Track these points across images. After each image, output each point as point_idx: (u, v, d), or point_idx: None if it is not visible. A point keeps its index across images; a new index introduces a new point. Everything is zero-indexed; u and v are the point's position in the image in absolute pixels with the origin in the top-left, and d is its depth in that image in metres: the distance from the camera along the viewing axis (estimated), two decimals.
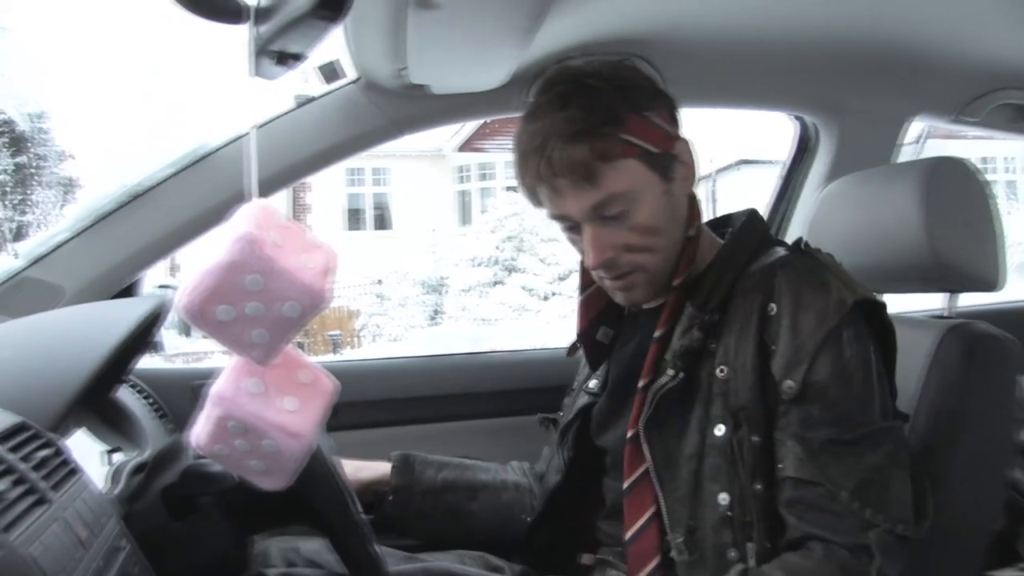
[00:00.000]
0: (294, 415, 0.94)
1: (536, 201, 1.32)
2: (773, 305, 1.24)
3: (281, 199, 15.93)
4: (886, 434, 1.19)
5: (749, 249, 1.35)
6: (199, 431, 0.96)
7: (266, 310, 0.87)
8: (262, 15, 1.03)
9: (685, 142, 1.33)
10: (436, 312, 12.98)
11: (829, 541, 1.15)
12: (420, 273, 13.24)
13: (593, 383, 1.53)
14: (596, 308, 1.50)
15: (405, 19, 1.36)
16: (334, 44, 1.66)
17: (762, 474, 1.21)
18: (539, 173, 1.25)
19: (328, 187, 16.61)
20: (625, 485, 1.33)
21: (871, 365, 1.21)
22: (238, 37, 1.04)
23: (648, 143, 1.26)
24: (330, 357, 11.24)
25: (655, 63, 1.92)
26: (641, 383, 1.33)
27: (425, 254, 13.50)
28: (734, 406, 1.23)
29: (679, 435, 1.28)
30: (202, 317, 0.87)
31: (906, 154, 2.32)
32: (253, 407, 0.92)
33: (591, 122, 1.23)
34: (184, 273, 0.95)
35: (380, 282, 13.64)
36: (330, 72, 1.79)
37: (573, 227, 1.32)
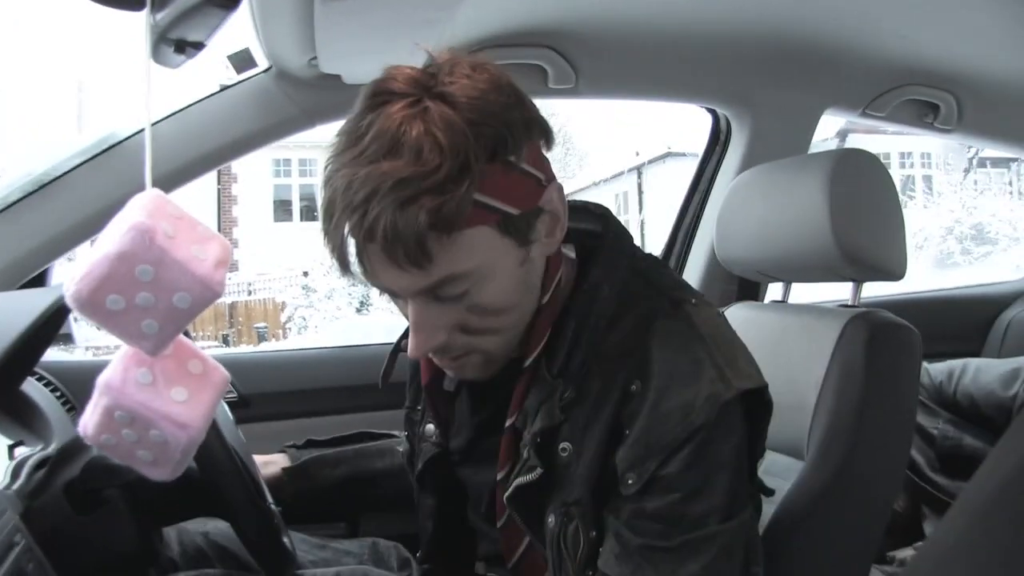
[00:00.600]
0: (182, 405, 0.93)
1: (344, 264, 0.99)
2: (638, 383, 1.03)
3: (208, 189, 15.76)
4: (715, 538, 1.01)
5: (613, 295, 1.10)
6: (86, 420, 0.95)
7: (156, 300, 0.87)
8: (160, 2, 1.02)
9: (556, 187, 1.04)
10: (363, 304, 12.90)
11: None
12: None
13: (430, 428, 1.31)
14: None
15: (312, 9, 1.35)
16: (245, 32, 1.64)
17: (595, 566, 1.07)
18: (353, 236, 0.95)
19: (255, 178, 16.41)
20: (498, 524, 1.20)
21: (728, 464, 1.02)
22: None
23: (509, 203, 0.97)
24: (244, 348, 11.16)
25: (566, 55, 1.94)
26: (499, 475, 1.14)
27: None
28: (567, 500, 1.06)
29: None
30: (91, 306, 0.86)
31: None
32: (141, 397, 0.92)
33: (434, 180, 0.90)
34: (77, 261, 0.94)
35: (306, 274, 13.52)
36: (241, 61, 1.78)
37: (395, 297, 1.05)
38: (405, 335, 1.21)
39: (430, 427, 1.31)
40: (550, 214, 1.04)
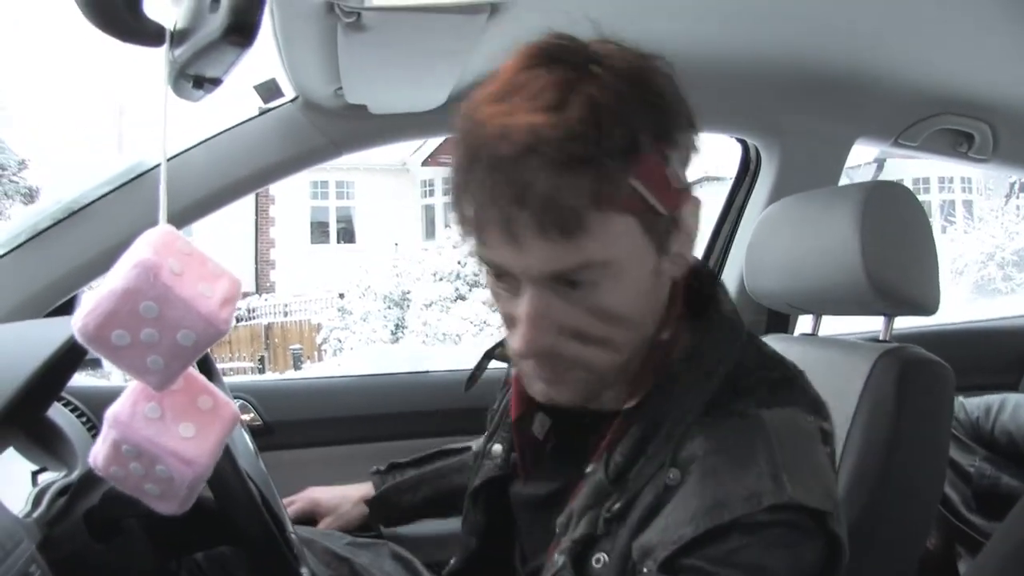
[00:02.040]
0: (190, 441, 0.93)
1: (470, 234, 0.89)
2: (676, 472, 0.90)
3: (245, 211, 15.93)
4: None
5: (720, 376, 0.96)
6: (96, 451, 0.96)
7: (161, 337, 0.87)
8: (178, 38, 1.02)
9: (695, 201, 0.94)
10: (398, 326, 12.94)
11: None
12: (383, 287, 13.21)
13: (497, 448, 1.20)
14: None
15: (335, 40, 1.36)
16: (272, 63, 1.65)
17: None
18: (496, 199, 0.83)
19: (292, 200, 16.59)
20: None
21: None
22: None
23: (659, 199, 0.87)
24: (289, 373, 11.22)
25: None
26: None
27: (388, 268, 13.48)
28: None
29: None
30: (97, 340, 0.87)
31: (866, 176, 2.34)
32: (148, 432, 0.92)
33: (602, 148, 0.81)
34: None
35: (343, 296, 13.60)
36: (268, 91, 1.78)
37: (510, 282, 0.91)
38: (499, 344, 1.13)
39: (497, 448, 1.19)
40: (684, 234, 0.94)
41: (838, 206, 1.49)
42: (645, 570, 0.86)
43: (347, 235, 17.66)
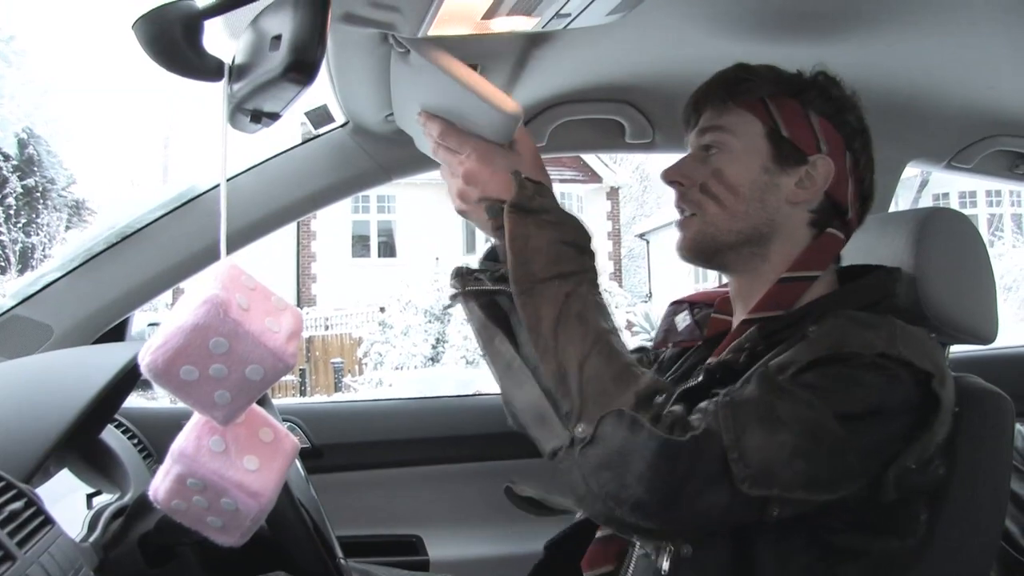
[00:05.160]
0: (255, 474, 0.94)
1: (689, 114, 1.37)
2: (815, 328, 1.14)
3: (288, 226, 16.05)
4: (814, 406, 1.06)
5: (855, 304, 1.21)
6: (157, 486, 0.97)
7: (229, 372, 0.88)
8: (237, 73, 1.03)
9: (828, 162, 1.27)
10: (439, 341, 12.98)
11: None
12: (424, 301, 13.25)
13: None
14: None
15: (387, 68, 1.36)
16: (323, 89, 1.67)
17: None
18: (714, 78, 1.32)
19: (334, 214, 16.69)
20: None
21: (867, 408, 1.07)
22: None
23: (785, 125, 1.27)
24: (320, 397, 11.26)
25: (644, 109, 1.93)
26: None
27: (429, 282, 13.52)
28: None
29: None
30: (165, 376, 0.88)
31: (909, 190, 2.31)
32: (214, 465, 0.93)
33: (763, 76, 1.28)
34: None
35: (383, 310, 13.66)
36: (319, 117, 1.80)
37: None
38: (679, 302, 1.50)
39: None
40: (810, 179, 1.27)
41: (892, 233, 1.47)
42: (780, 378, 1.07)
43: (388, 249, 17.75)
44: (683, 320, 1.45)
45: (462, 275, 1.22)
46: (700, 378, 1.18)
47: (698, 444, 1.00)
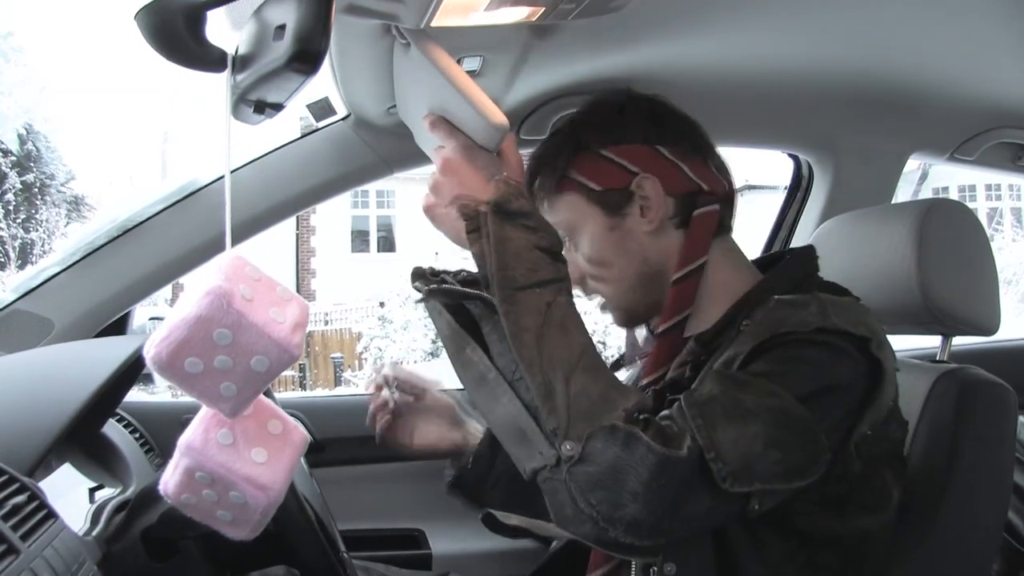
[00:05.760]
0: (263, 467, 0.94)
1: None
2: (747, 322, 1.17)
3: (287, 221, 16.04)
4: (777, 396, 1.05)
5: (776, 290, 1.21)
6: (167, 480, 0.96)
7: (234, 364, 0.87)
8: (240, 63, 1.02)
9: (651, 181, 1.26)
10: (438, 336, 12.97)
11: None
12: None
13: None
14: None
15: (390, 60, 1.35)
16: (324, 81, 1.66)
17: None
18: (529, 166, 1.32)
19: (333, 209, 16.66)
20: None
21: (815, 383, 1.07)
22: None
23: (592, 180, 1.27)
24: (320, 391, 11.23)
25: None
26: None
27: None
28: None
29: None
30: (170, 369, 0.87)
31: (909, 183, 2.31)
32: (222, 458, 0.92)
33: (553, 155, 1.30)
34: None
35: (383, 305, 13.63)
36: (320, 109, 1.79)
37: None
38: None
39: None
40: (643, 196, 1.26)
41: (894, 224, 1.47)
42: (734, 372, 1.09)
43: (387, 244, 17.72)
44: (641, 333, 1.44)
45: (424, 276, 1.20)
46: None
47: (691, 455, 0.98)
